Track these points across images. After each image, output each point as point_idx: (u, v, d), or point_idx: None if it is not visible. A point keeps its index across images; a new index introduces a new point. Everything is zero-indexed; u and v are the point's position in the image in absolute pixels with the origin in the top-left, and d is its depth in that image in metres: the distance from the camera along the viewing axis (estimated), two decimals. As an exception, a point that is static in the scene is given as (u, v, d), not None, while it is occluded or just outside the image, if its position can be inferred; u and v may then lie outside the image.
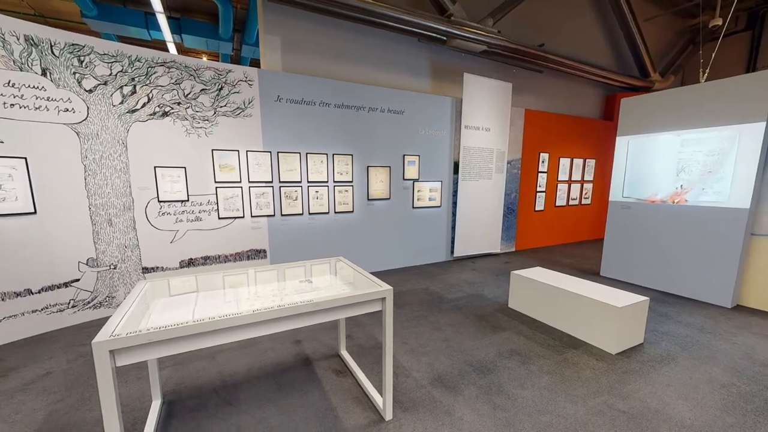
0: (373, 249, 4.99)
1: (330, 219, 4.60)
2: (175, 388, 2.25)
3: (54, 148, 3.01)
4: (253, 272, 2.43)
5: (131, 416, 1.96)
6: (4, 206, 2.78)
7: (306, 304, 1.63)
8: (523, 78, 6.40)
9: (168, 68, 3.47)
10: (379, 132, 4.79)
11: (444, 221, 5.58)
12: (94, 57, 3.13)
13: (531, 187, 6.47)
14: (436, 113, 5.21)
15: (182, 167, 3.64)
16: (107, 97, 3.23)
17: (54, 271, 3.07)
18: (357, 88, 4.55)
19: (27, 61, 2.84)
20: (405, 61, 5.24)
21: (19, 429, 1.87)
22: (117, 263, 3.41)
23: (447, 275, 4.85)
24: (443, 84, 5.64)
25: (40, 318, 3.03)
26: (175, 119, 3.57)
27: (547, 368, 2.49)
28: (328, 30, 4.60)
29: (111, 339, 1.26)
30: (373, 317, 3.35)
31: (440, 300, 3.87)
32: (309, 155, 4.33)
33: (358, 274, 2.18)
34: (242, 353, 2.69)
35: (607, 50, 7.43)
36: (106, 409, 1.25)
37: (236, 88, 3.83)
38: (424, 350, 2.74)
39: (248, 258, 4.14)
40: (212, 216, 3.86)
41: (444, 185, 5.46)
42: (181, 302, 1.87)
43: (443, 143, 5.35)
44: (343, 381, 2.32)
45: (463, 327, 3.17)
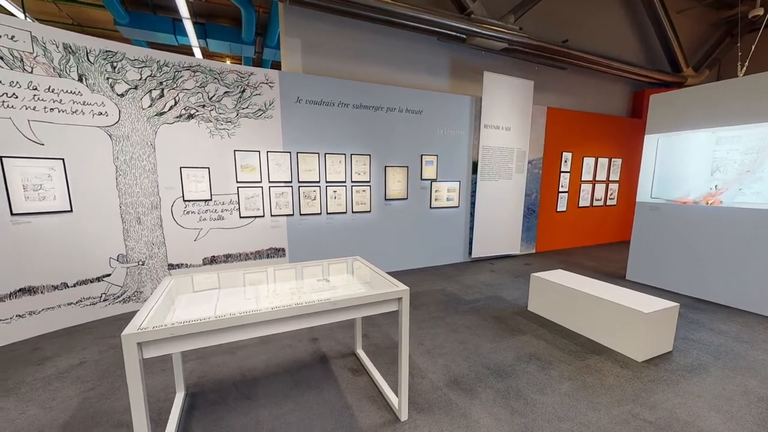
0: (390, 249, 4.99)
1: (347, 219, 4.64)
2: (197, 381, 2.33)
3: (88, 150, 3.17)
4: (273, 270, 2.48)
5: (156, 406, 2.05)
6: (43, 204, 2.96)
7: (323, 303, 1.65)
8: (545, 75, 6.23)
9: (193, 72, 3.60)
10: (397, 132, 4.79)
11: (462, 222, 5.51)
12: (126, 63, 3.28)
13: (553, 188, 6.30)
14: (455, 112, 5.16)
15: (206, 167, 3.77)
16: (137, 100, 3.38)
17: (87, 266, 3.25)
18: (375, 88, 4.57)
19: (65, 67, 3.01)
20: (424, 61, 5.21)
21: (55, 415, 1.99)
22: (145, 260, 3.57)
23: (464, 276, 4.80)
24: (462, 83, 5.57)
25: (75, 310, 3.21)
26: (199, 121, 3.69)
27: (568, 374, 2.42)
28: (347, 31, 4.64)
29: (139, 332, 1.31)
30: (389, 317, 3.35)
31: (457, 301, 3.83)
32: (327, 155, 4.38)
33: (374, 274, 2.19)
34: (261, 349, 2.75)
35: (636, 45, 7.13)
36: (133, 398, 1.31)
37: (258, 90, 3.93)
38: (440, 352, 2.72)
39: (268, 256, 4.23)
40: (234, 215, 3.97)
41: (462, 185, 5.40)
42: (203, 298, 1.93)
43: (462, 143, 5.29)
44: (358, 380, 2.33)
45: (481, 329, 3.13)
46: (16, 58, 2.77)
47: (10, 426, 1.90)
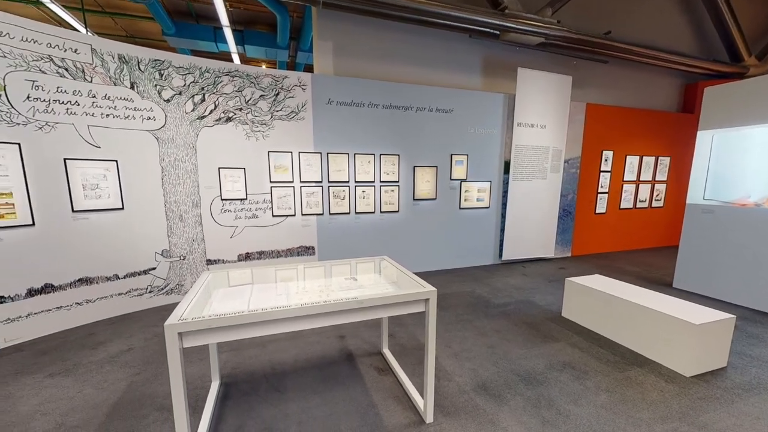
0: (417, 249, 4.96)
1: (376, 218, 4.67)
2: (231, 371, 2.44)
3: (138, 152, 3.43)
4: (302, 268, 2.55)
5: (194, 393, 2.17)
6: (99, 202, 3.24)
7: (350, 302, 1.67)
8: (585, 70, 5.92)
9: (232, 77, 3.78)
10: (427, 131, 4.75)
11: (492, 223, 5.37)
12: (172, 70, 3.51)
13: (591, 188, 5.97)
14: (487, 111, 5.04)
15: (242, 168, 3.94)
16: (181, 105, 3.60)
17: (136, 259, 3.51)
18: (405, 88, 4.57)
19: (120, 76, 3.27)
20: (455, 59, 5.13)
21: (106, 395, 2.17)
22: (186, 255, 3.80)
23: (494, 279, 4.67)
24: (495, 80, 5.43)
25: (124, 300, 3.48)
26: (237, 124, 3.87)
27: (606, 385, 2.29)
28: (378, 32, 4.67)
29: (179, 323, 1.40)
30: (415, 318, 3.34)
31: (486, 304, 3.74)
32: (357, 156, 4.44)
33: (401, 274, 2.19)
34: (290, 344, 2.84)
35: (688, 33, 6.59)
36: (174, 385, 1.40)
37: (291, 93, 4.05)
38: (468, 355, 2.67)
39: (298, 254, 4.36)
40: (267, 214, 4.13)
41: (493, 185, 5.26)
42: (238, 293, 2.03)
43: (493, 142, 5.16)
44: (384, 379, 2.34)
45: (511, 334, 3.03)
46: (78, 69, 3.05)
47: (69, 403, 2.10)
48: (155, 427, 1.89)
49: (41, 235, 2.92)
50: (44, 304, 2.97)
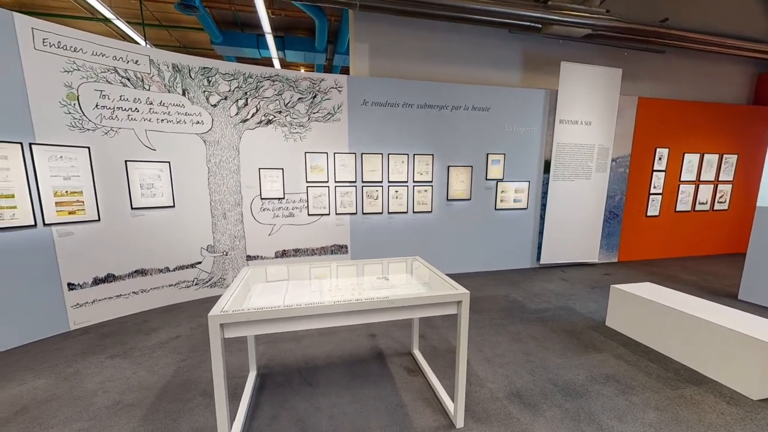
0: (450, 250, 4.88)
1: (408, 218, 4.66)
2: (267, 363, 2.55)
3: (188, 154, 3.68)
4: (335, 266, 2.61)
5: (233, 382, 2.30)
6: (154, 201, 3.53)
7: (381, 301, 1.69)
8: (637, 62, 5.50)
9: (272, 81, 3.95)
10: (462, 131, 4.66)
11: (530, 224, 5.15)
12: (219, 77, 3.73)
13: (642, 189, 5.53)
14: (526, 108, 4.84)
15: (280, 168, 4.11)
16: (226, 109, 3.82)
17: (184, 254, 3.78)
18: (440, 87, 4.51)
19: (173, 84, 3.54)
20: (493, 55, 4.99)
21: (158, 378, 2.36)
22: (228, 251, 4.02)
23: (531, 283, 4.48)
24: (536, 76, 5.20)
25: (173, 291, 3.75)
26: (276, 126, 4.04)
27: (655, 403, 2.11)
28: (413, 32, 4.66)
29: (221, 314, 1.49)
30: (447, 320, 3.28)
31: (522, 309, 3.60)
32: (390, 156, 4.45)
33: (433, 275, 2.17)
34: (323, 340, 2.91)
35: (761, 16, 5.89)
36: (216, 372, 1.49)
37: (327, 95, 4.16)
38: (501, 361, 2.58)
39: (332, 252, 4.46)
40: (303, 213, 4.27)
41: (532, 185, 5.04)
42: (275, 288, 2.11)
43: (533, 140, 4.94)
44: (414, 380, 2.33)
45: (548, 342, 2.89)
46: (138, 79, 3.34)
47: (126, 382, 2.31)
48: (198, 411, 2.02)
49: (105, 229, 3.24)
50: (106, 292, 3.29)
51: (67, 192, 2.99)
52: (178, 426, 1.90)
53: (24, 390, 2.22)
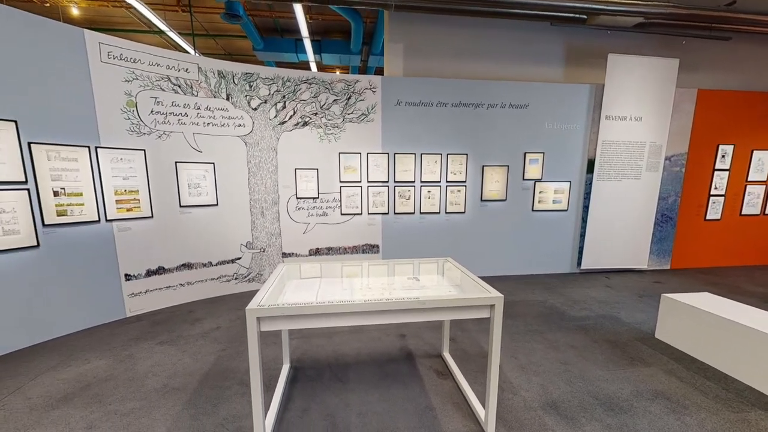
0: (483, 252, 4.75)
1: (440, 219, 4.60)
2: (300, 357, 2.64)
3: (230, 156, 3.89)
4: (367, 265, 2.64)
5: (268, 374, 2.40)
6: (199, 199, 3.77)
7: (412, 301, 1.68)
8: (696, 51, 5.03)
9: (309, 84, 4.07)
10: (498, 129, 4.52)
11: (570, 227, 4.88)
12: (259, 81, 3.91)
13: (701, 190, 5.05)
14: (569, 104, 4.59)
15: (315, 169, 4.22)
16: (266, 112, 3.99)
17: (225, 250, 4.00)
18: (476, 84, 4.41)
19: (218, 89, 3.76)
20: (533, 50, 4.79)
21: (200, 365, 2.52)
22: (265, 247, 4.21)
23: (570, 289, 4.24)
24: (579, 70, 4.92)
25: (215, 284, 3.99)
26: (312, 127, 4.16)
27: (712, 426, 1.92)
28: (448, 29, 4.59)
29: (258, 308, 1.56)
30: (479, 324, 3.20)
31: (560, 316, 3.42)
32: (423, 156, 4.42)
33: (466, 277, 2.12)
34: (353, 337, 2.95)
35: None
36: (252, 363, 1.56)
37: (361, 96, 4.21)
38: (536, 369, 2.47)
39: (363, 251, 4.51)
40: (336, 212, 4.36)
41: (573, 186, 4.78)
42: (308, 285, 2.18)
43: (575, 138, 4.68)
44: (444, 383, 2.30)
45: (589, 352, 2.72)
46: (188, 86, 3.58)
47: (172, 368, 2.49)
48: (236, 398, 2.14)
49: (157, 225, 3.51)
50: (157, 284, 3.57)
51: (126, 191, 3.28)
52: (217, 411, 2.02)
53: (87, 369, 2.47)
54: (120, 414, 2.00)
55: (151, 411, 2.02)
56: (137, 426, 1.90)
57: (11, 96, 2.61)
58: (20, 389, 2.22)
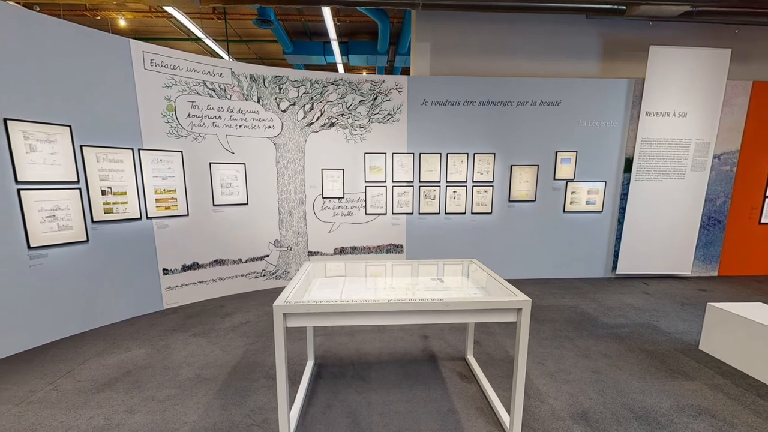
0: (510, 254, 4.62)
1: (466, 219, 4.52)
2: (323, 354, 2.69)
3: (260, 156, 4.03)
4: (390, 265, 2.64)
5: (293, 369, 2.46)
6: (231, 198, 3.93)
7: (435, 302, 1.66)
8: (751, 40, 4.63)
9: (336, 86, 4.13)
10: (528, 128, 4.38)
11: (605, 229, 4.64)
12: (288, 84, 4.02)
13: (755, 191, 4.63)
14: (605, 100, 4.37)
15: (341, 169, 4.28)
16: (294, 114, 4.10)
17: (254, 247, 4.14)
18: (505, 82, 4.29)
19: (250, 93, 3.90)
20: (566, 45, 4.60)
21: (230, 357, 2.63)
22: (292, 246, 4.32)
23: (604, 295, 4.03)
24: (617, 64, 4.67)
25: (245, 281, 4.14)
26: (338, 128, 4.22)
27: (765, 449, 1.76)
28: (477, 26, 4.50)
29: (285, 304, 1.61)
30: (505, 327, 3.12)
31: (593, 323, 3.26)
32: (449, 155, 4.37)
33: (491, 279, 2.08)
34: (376, 336, 2.97)
35: None
36: (278, 358, 1.61)
37: (387, 96, 4.22)
38: (566, 377, 2.37)
39: (387, 251, 4.52)
40: (361, 212, 4.40)
41: (608, 186, 4.54)
42: (333, 283, 2.22)
43: (611, 136, 4.44)
44: (467, 387, 2.26)
45: (624, 361, 2.58)
46: (222, 89, 3.75)
47: (204, 359, 2.61)
48: (262, 391, 2.21)
49: (192, 223, 3.69)
50: (192, 278, 3.75)
51: (165, 190, 3.47)
52: (245, 402, 2.10)
53: (129, 356, 2.64)
54: (157, 400, 2.12)
55: (184, 399, 2.13)
56: (172, 412, 2.01)
57: (66, 102, 2.84)
58: (70, 372, 2.42)
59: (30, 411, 2.02)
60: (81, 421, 1.93)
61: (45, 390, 2.21)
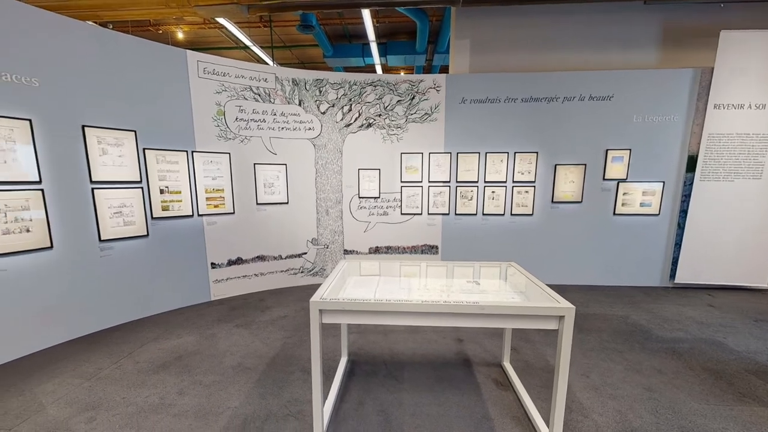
0: (552, 258, 4.38)
1: (505, 221, 4.35)
2: (357, 351, 2.73)
3: (300, 157, 4.18)
4: (425, 266, 2.62)
5: (327, 364, 2.52)
6: (273, 197, 4.11)
7: (471, 305, 1.62)
8: None
9: (374, 87, 4.18)
10: (575, 124, 4.13)
11: (662, 234, 4.24)
12: (328, 86, 4.14)
13: None
14: (665, 93, 4.00)
15: (377, 169, 4.32)
16: (333, 116, 4.20)
17: (293, 245, 4.31)
18: (550, 77, 4.08)
19: (292, 96, 4.06)
20: (619, 34, 4.28)
21: (269, 349, 2.76)
22: (329, 244, 4.43)
23: (660, 306, 3.69)
24: (680, 53, 4.26)
25: (284, 276, 4.32)
26: (375, 129, 4.27)
27: None
28: (520, 20, 4.33)
29: (321, 301, 1.65)
30: (544, 335, 2.96)
31: (646, 335, 3.00)
32: (488, 154, 4.24)
33: (531, 284, 1.99)
34: (409, 337, 2.96)
35: None
36: (313, 352, 1.66)
37: (425, 96, 4.19)
38: (613, 392, 2.21)
39: (422, 252, 4.49)
40: (396, 212, 4.41)
41: (667, 186, 4.15)
42: (367, 282, 2.24)
43: (671, 131, 4.06)
44: (503, 394, 2.18)
45: (683, 380, 2.34)
46: (266, 94, 3.94)
47: (245, 349, 2.76)
48: (298, 384, 2.29)
49: (237, 221, 3.92)
50: (236, 273, 3.99)
51: (214, 189, 3.72)
52: (281, 393, 2.19)
53: (180, 343, 2.87)
54: (203, 384, 2.28)
55: (227, 386, 2.27)
56: (216, 397, 2.15)
57: (132, 109, 3.14)
58: (131, 354, 2.67)
59: (98, 386, 2.26)
60: (139, 399, 2.13)
61: (110, 368, 2.47)
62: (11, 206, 2.50)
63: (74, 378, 2.34)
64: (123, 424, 1.91)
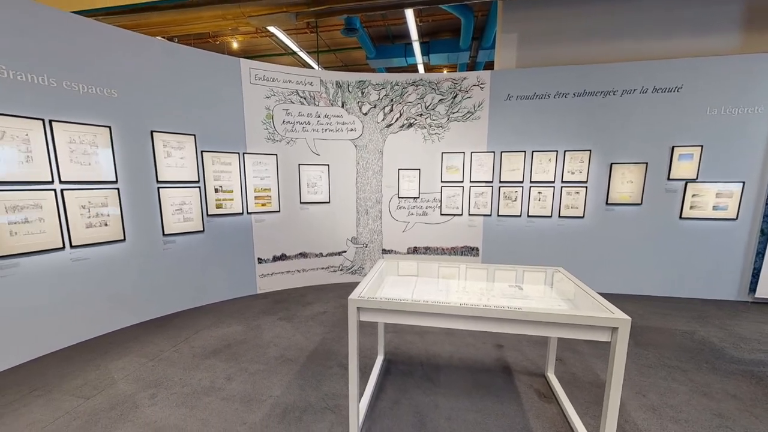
0: (606, 265, 4.05)
1: (552, 223, 4.11)
2: (393, 350, 2.73)
3: (342, 158, 4.29)
4: (464, 268, 2.55)
5: (364, 362, 2.56)
6: (315, 197, 4.26)
7: (513, 311, 1.56)
8: None
9: (416, 86, 4.16)
10: (635, 119, 3.79)
11: (740, 241, 3.75)
12: (370, 88, 4.19)
13: None
14: (746, 81, 3.54)
15: (417, 169, 4.30)
16: (375, 116, 4.26)
17: (333, 243, 4.42)
18: (607, 68, 3.79)
19: (335, 98, 4.18)
20: (689, 18, 3.84)
21: (310, 343, 2.86)
22: (368, 243, 4.49)
23: (735, 322, 3.26)
24: (765, 36, 3.73)
25: (324, 273, 4.45)
26: (416, 129, 4.25)
27: None
28: (573, 9, 4.06)
29: (359, 299, 1.68)
30: (594, 347, 2.75)
31: (717, 354, 2.66)
32: (535, 153, 4.03)
33: (581, 292, 1.86)
34: (446, 339, 2.90)
35: None
36: (351, 349, 1.70)
37: (468, 94, 4.10)
38: (675, 415, 1.99)
39: (461, 253, 4.38)
40: (436, 212, 4.35)
41: (748, 188, 3.66)
42: (404, 282, 2.24)
43: (754, 125, 3.57)
44: (546, 407, 2.06)
45: (763, 409, 2.05)
46: (311, 97, 4.09)
47: (287, 341, 2.89)
48: (335, 378, 2.35)
49: (282, 219, 4.12)
50: (280, 268, 4.19)
51: (262, 189, 3.94)
52: (320, 386, 2.26)
53: (229, 332, 3.07)
54: (249, 372, 2.43)
55: (270, 375, 2.40)
56: (260, 385, 2.28)
57: (193, 115, 3.43)
58: (187, 339, 2.92)
59: (159, 366, 2.50)
60: (193, 381, 2.32)
61: (170, 351, 2.71)
62: (93, 203, 2.85)
63: (141, 357, 2.61)
64: (179, 402, 2.09)
